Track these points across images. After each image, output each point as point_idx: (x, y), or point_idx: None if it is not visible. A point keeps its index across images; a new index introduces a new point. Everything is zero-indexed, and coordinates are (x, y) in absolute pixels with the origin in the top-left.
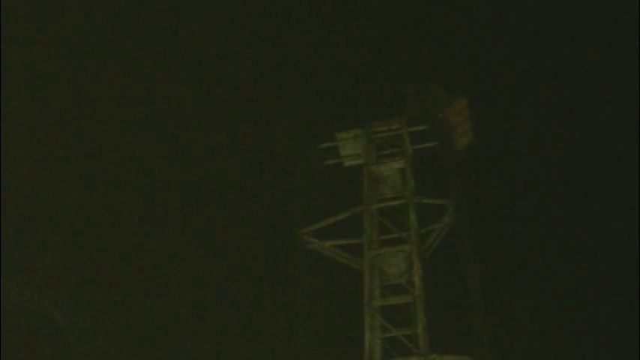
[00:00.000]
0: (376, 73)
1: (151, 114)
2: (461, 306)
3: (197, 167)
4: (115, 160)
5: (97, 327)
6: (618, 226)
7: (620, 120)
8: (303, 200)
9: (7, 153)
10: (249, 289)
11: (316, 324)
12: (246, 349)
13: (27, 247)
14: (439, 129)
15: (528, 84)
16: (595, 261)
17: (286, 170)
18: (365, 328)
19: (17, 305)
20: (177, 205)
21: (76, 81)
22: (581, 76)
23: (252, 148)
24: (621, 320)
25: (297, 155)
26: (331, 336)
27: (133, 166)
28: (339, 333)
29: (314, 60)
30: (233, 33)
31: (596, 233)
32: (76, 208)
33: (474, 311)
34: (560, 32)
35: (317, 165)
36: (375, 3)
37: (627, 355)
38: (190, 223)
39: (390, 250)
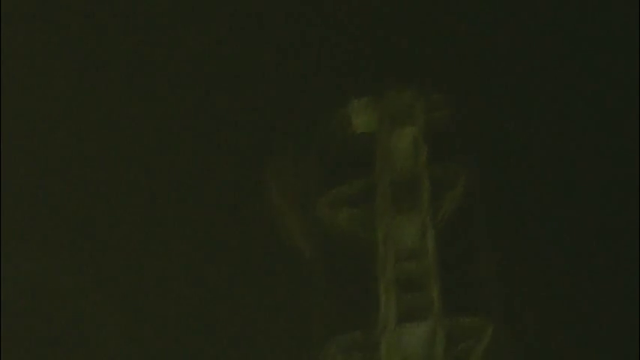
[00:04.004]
0: (389, 42)
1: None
2: (476, 272)
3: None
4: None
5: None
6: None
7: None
8: (314, 171)
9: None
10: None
11: (330, 293)
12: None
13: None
14: (454, 97)
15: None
16: (610, 230)
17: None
18: (379, 294)
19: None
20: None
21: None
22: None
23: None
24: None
25: (307, 127)
26: (345, 303)
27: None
28: (354, 301)
29: (325, 29)
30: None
31: (612, 202)
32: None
33: (488, 278)
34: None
35: (330, 134)
36: None
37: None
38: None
39: (404, 218)
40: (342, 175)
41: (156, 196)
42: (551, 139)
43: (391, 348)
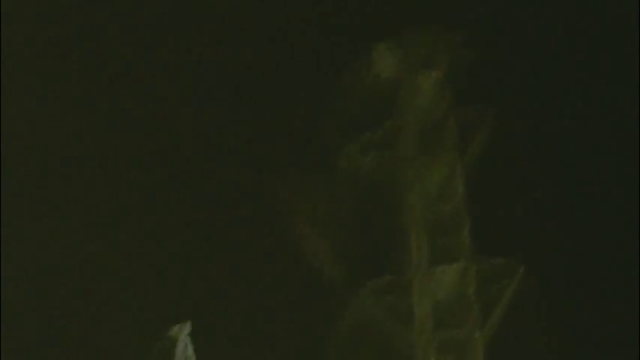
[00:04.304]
0: None
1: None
2: (507, 212)
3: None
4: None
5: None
6: None
7: None
8: (340, 117)
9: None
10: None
11: (359, 237)
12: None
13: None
14: (479, 36)
15: None
16: None
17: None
18: (410, 238)
19: None
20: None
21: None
22: None
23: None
24: None
25: (330, 76)
26: (375, 248)
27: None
28: (384, 245)
29: None
30: None
31: None
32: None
33: (519, 218)
34: None
35: (352, 81)
36: None
37: None
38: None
39: (431, 161)
40: (366, 122)
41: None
42: (582, 75)
43: (422, 291)
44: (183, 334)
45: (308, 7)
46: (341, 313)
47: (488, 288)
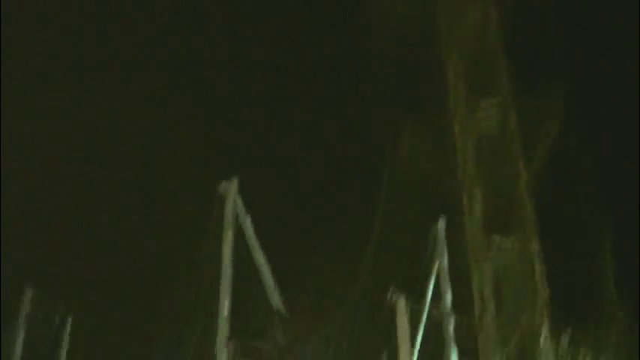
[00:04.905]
0: None
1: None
2: (543, 45)
3: None
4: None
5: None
6: None
7: None
8: None
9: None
10: None
11: (399, 81)
12: None
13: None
14: None
15: None
16: None
17: None
18: (448, 74)
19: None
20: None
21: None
22: None
23: None
24: None
25: None
26: (415, 91)
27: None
28: (424, 88)
29: None
30: None
31: None
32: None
33: (557, 49)
34: None
35: None
36: None
37: None
38: None
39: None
40: None
41: None
42: None
43: (464, 126)
44: (231, 190)
45: None
46: (387, 155)
47: (529, 123)
